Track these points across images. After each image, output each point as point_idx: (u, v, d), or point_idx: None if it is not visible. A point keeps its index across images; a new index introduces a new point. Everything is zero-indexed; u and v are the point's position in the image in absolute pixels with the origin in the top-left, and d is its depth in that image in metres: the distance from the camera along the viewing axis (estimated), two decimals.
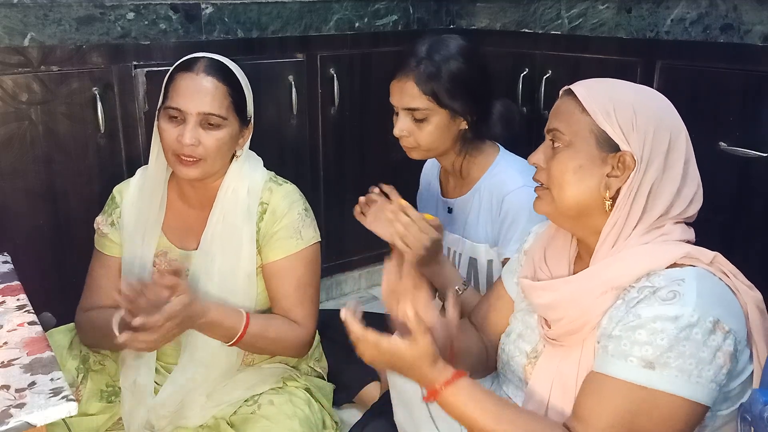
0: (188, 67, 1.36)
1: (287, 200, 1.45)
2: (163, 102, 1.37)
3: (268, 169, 1.52)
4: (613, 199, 1.00)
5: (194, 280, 1.43)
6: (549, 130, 1.05)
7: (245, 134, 1.44)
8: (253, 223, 1.43)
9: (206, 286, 1.42)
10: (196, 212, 1.47)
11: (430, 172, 1.76)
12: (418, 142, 1.48)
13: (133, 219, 1.47)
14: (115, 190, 1.52)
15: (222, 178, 1.44)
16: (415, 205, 1.81)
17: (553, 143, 1.04)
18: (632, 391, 0.91)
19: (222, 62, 1.39)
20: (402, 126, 1.48)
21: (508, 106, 1.57)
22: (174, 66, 1.39)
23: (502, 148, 1.58)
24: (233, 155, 1.44)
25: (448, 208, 1.64)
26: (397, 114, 1.50)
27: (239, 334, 1.34)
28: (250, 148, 1.51)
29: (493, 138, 1.58)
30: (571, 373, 1.02)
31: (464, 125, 1.49)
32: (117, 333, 1.25)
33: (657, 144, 0.99)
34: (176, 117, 1.34)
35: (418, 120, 1.46)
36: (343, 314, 1.02)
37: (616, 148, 0.99)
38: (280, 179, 1.50)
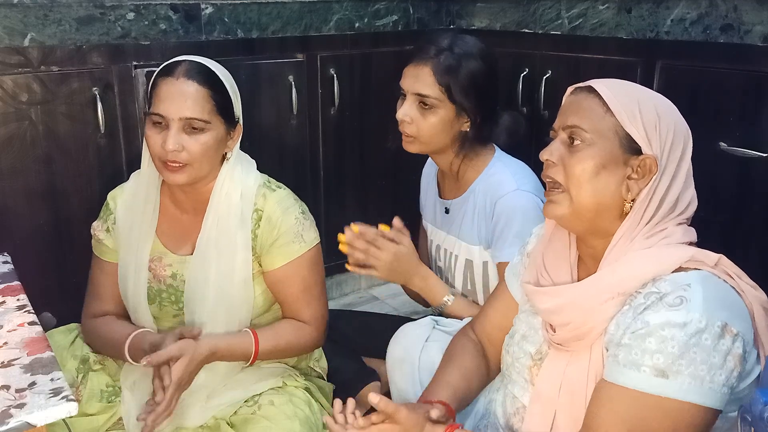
0: (169, 71, 1.34)
1: (281, 206, 1.43)
2: (148, 108, 1.37)
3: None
4: (632, 201, 0.99)
5: (191, 285, 1.42)
6: (567, 126, 1.02)
7: (234, 135, 1.42)
8: (247, 230, 1.42)
9: (203, 291, 1.42)
10: (190, 217, 1.46)
11: (429, 172, 1.76)
12: (419, 132, 1.48)
13: (127, 224, 1.46)
14: (109, 196, 1.51)
15: (213, 181, 1.42)
16: (414, 208, 1.82)
17: (572, 141, 1.02)
18: (645, 400, 0.90)
19: (203, 64, 1.37)
20: (407, 111, 1.47)
21: (516, 119, 1.58)
22: (157, 71, 1.38)
23: (497, 149, 1.58)
24: (224, 157, 1.43)
25: (445, 208, 1.64)
26: (403, 97, 1.49)
27: (252, 355, 1.41)
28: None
29: (494, 143, 1.58)
30: (580, 378, 1.01)
31: (466, 126, 1.49)
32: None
33: (674, 149, 0.99)
34: (160, 123, 1.33)
35: (424, 108, 1.46)
36: (325, 419, 1.08)
37: (637, 151, 0.98)
38: (273, 184, 1.48)
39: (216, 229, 1.42)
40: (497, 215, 1.48)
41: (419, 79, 1.45)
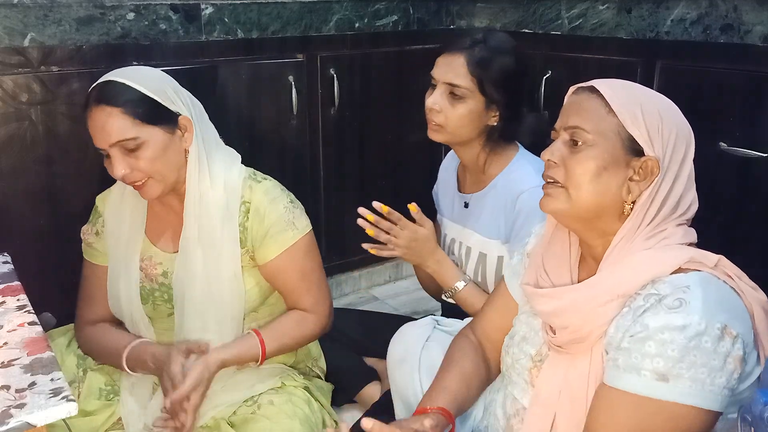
0: (86, 103, 1.31)
1: (268, 197, 1.42)
2: None
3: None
4: (633, 203, 0.99)
5: (177, 284, 1.42)
6: (569, 127, 1.02)
7: (183, 130, 1.35)
8: (234, 223, 1.41)
9: (190, 289, 1.41)
10: (177, 214, 1.44)
11: (449, 166, 1.77)
12: (447, 121, 1.49)
13: (116, 226, 1.46)
14: (98, 199, 1.51)
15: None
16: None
17: (574, 142, 1.01)
18: (646, 405, 0.90)
19: (113, 81, 1.30)
20: (436, 99, 1.49)
21: (541, 120, 1.60)
22: None
23: (521, 147, 1.59)
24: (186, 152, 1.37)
25: (465, 203, 1.64)
26: (432, 87, 1.51)
27: (260, 357, 1.42)
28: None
29: (518, 140, 1.59)
30: (580, 382, 1.01)
31: (494, 121, 1.50)
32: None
33: (676, 151, 0.99)
34: (102, 153, 1.33)
35: (454, 98, 1.47)
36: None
37: (639, 153, 0.98)
38: (259, 176, 1.47)
39: (197, 226, 1.40)
40: (518, 211, 1.48)
41: (452, 69, 1.47)
